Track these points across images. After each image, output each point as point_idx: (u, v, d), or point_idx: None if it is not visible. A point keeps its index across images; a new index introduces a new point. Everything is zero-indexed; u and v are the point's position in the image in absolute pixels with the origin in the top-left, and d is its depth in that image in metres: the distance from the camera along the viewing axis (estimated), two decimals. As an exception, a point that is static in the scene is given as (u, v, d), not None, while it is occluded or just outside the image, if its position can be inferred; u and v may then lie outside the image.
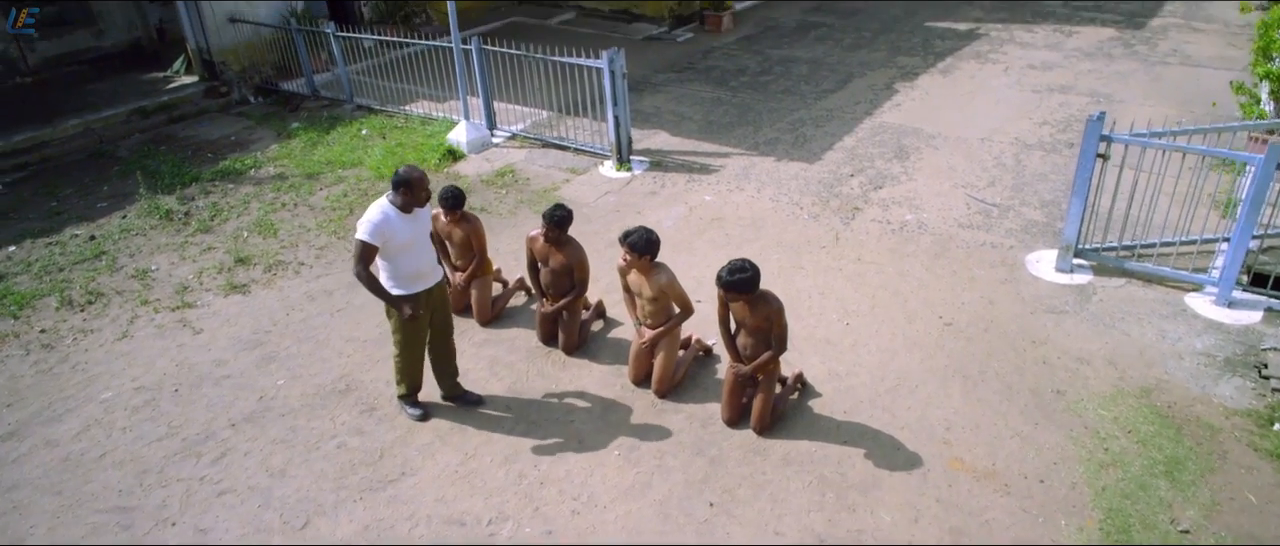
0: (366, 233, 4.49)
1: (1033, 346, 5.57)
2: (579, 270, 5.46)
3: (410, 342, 4.89)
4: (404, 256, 4.64)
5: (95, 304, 6.54)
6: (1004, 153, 8.54)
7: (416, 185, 4.57)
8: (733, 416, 4.94)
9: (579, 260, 5.43)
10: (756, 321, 4.60)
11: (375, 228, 4.50)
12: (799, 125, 9.52)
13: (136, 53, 12.24)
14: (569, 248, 5.43)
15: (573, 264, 5.43)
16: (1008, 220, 7.21)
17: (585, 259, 5.47)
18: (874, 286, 6.34)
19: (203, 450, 4.98)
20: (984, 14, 13.94)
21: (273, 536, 4.37)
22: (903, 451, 4.74)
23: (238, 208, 8.04)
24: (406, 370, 5.01)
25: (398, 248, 4.59)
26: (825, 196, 7.79)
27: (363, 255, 4.52)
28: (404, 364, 4.98)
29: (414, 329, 4.84)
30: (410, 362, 4.98)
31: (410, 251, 4.66)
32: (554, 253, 5.45)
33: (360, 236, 4.49)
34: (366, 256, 4.53)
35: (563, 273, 5.49)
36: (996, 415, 4.97)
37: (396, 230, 4.55)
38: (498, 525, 4.38)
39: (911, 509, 4.35)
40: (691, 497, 4.50)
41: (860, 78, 11.05)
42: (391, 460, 4.86)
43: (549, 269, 5.53)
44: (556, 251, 5.43)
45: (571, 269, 5.45)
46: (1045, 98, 10.01)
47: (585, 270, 5.48)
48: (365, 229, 4.50)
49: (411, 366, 5.00)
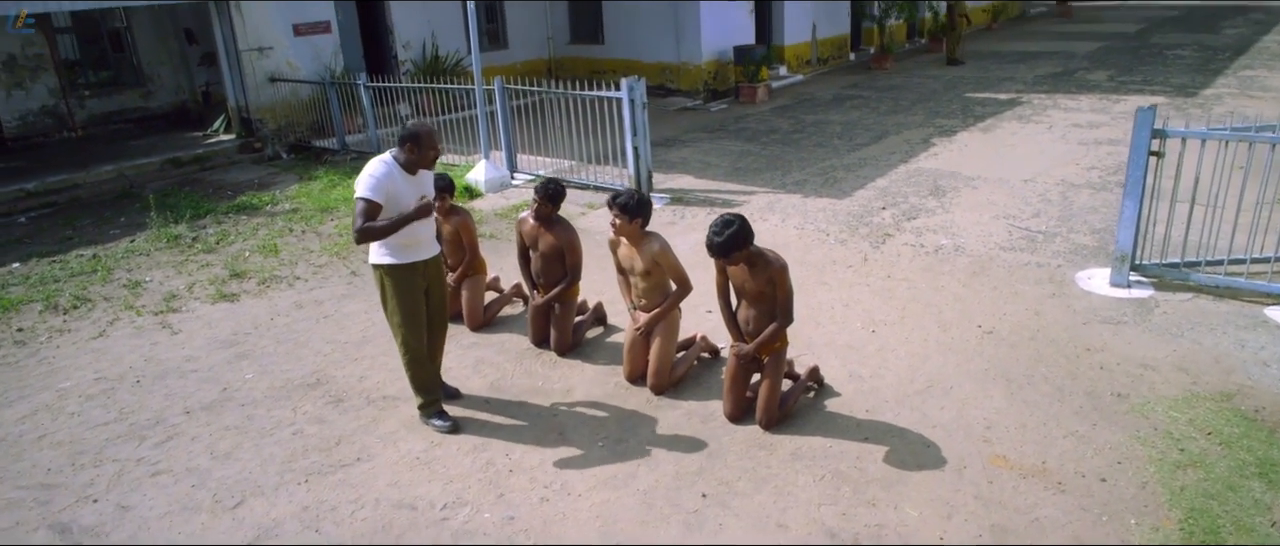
0: (368, 188, 3.98)
1: (1087, 353, 4.86)
2: (571, 253, 5.01)
3: (414, 331, 4.26)
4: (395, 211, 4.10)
5: (79, 308, 6.28)
6: (1049, 191, 7.98)
7: (425, 140, 4.09)
8: (735, 409, 4.31)
9: (570, 241, 4.99)
10: (757, 286, 4.04)
11: (377, 182, 4.00)
12: (830, 170, 9.13)
13: (182, 114, 12.61)
14: (559, 228, 5.00)
15: (563, 246, 4.99)
16: (1054, 244, 6.58)
17: (577, 241, 5.03)
18: (904, 299, 5.73)
19: (148, 434, 4.52)
20: (1026, 87, 13.63)
21: (200, 514, 3.83)
22: (934, 449, 4.03)
23: (246, 234, 7.86)
24: (418, 372, 4.36)
25: (397, 210, 4.07)
26: (854, 225, 7.28)
27: (367, 213, 3.97)
28: (414, 362, 4.33)
29: (416, 314, 4.26)
30: (419, 359, 4.34)
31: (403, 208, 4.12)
32: (544, 234, 5.03)
33: (361, 193, 3.98)
34: (370, 214, 3.99)
35: (554, 257, 5.05)
36: (1046, 415, 4.25)
37: (400, 189, 4.06)
38: (453, 510, 3.78)
39: (944, 505, 3.63)
40: (681, 488, 3.84)
41: (896, 134, 10.69)
42: (348, 446, 4.32)
43: (539, 253, 5.09)
44: (546, 232, 5.01)
45: (562, 252, 5.01)
46: (1092, 148, 9.48)
47: (577, 253, 5.03)
48: (366, 184, 4.00)
49: (422, 365, 4.36)
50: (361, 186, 4.00)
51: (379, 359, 5.24)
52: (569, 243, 4.98)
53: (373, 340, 5.52)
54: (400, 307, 4.22)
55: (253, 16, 11.14)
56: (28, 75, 11.19)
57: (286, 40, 11.60)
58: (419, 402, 4.47)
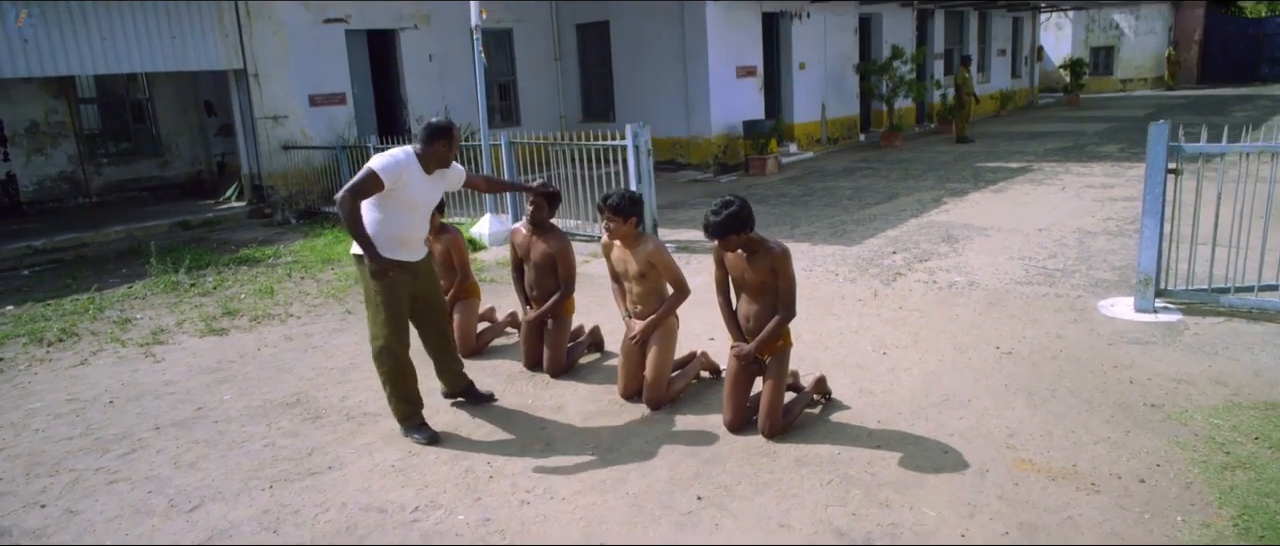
0: (381, 164, 3.79)
1: (1114, 369, 4.53)
2: (563, 262, 4.82)
3: (396, 332, 3.97)
4: (399, 216, 3.92)
5: (64, 341, 6.11)
6: (1065, 237, 7.75)
7: (452, 138, 3.96)
8: (736, 418, 3.99)
9: (562, 249, 4.80)
10: (758, 276, 3.81)
11: (392, 164, 3.81)
12: (839, 225, 8.97)
13: (197, 184, 12.76)
14: (553, 236, 4.83)
15: (555, 254, 4.80)
16: (1073, 279, 6.31)
17: (570, 250, 4.85)
18: (916, 326, 5.45)
19: (112, 447, 4.26)
20: (1037, 158, 13.59)
21: (152, 518, 3.53)
22: (953, 455, 3.69)
23: (244, 280, 7.74)
24: (396, 383, 4.06)
25: (400, 203, 3.89)
26: (863, 266, 7.06)
27: (363, 185, 3.74)
28: (393, 369, 4.03)
29: (398, 314, 3.99)
30: (399, 364, 4.05)
31: (409, 214, 3.96)
32: (536, 242, 4.86)
33: (371, 166, 3.79)
34: (367, 188, 3.75)
35: (546, 268, 4.86)
36: (1073, 424, 3.91)
37: (411, 182, 3.88)
38: (424, 513, 3.46)
39: (965, 505, 3.27)
40: (675, 492, 3.51)
41: (906, 195, 10.58)
42: (320, 456, 4.03)
43: (532, 264, 4.91)
44: (539, 240, 4.84)
45: (554, 260, 4.82)
46: (1106, 204, 9.29)
47: (569, 263, 4.84)
48: (381, 160, 3.81)
49: (401, 377, 4.07)
50: (375, 160, 3.83)
51: (364, 382, 4.99)
52: (561, 251, 4.80)
53: (359, 366, 5.28)
54: (383, 305, 3.96)
55: (270, 86, 11.41)
56: (49, 142, 11.43)
57: (302, 110, 11.82)
58: (399, 414, 4.19)
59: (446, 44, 13.38)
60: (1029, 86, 25.22)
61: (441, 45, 13.39)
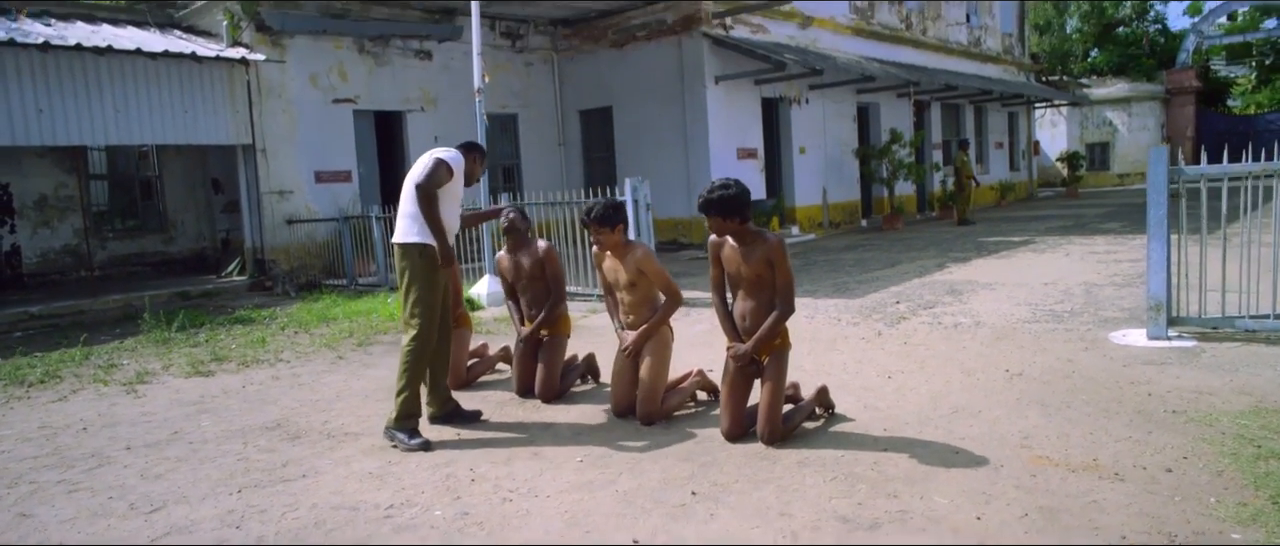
0: (448, 155, 4.12)
1: (1131, 385, 4.33)
2: (549, 264, 4.72)
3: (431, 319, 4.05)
4: (448, 207, 4.17)
5: (47, 383, 5.94)
6: (1072, 288, 7.62)
7: (481, 154, 4.38)
8: (735, 424, 3.79)
9: (546, 252, 4.73)
10: (754, 269, 3.68)
11: (455, 156, 4.17)
12: (842, 284, 8.87)
13: (200, 260, 12.79)
14: (533, 247, 4.77)
15: (542, 259, 4.71)
16: (1082, 319, 6.14)
17: (553, 252, 4.77)
18: (922, 356, 5.26)
19: (78, 464, 4.05)
20: (1039, 234, 13.58)
21: (108, 519, 3.30)
22: (964, 454, 3.47)
23: (238, 335, 7.61)
24: (415, 377, 4.01)
25: (448, 197, 4.16)
26: (867, 313, 6.91)
27: (438, 175, 4.01)
28: (419, 358, 4.03)
29: (436, 302, 4.11)
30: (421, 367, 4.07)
31: (454, 205, 4.25)
32: (520, 258, 4.79)
33: (437, 155, 4.09)
34: (441, 177, 4.03)
35: (536, 277, 4.77)
36: (1091, 427, 3.69)
37: (459, 180, 4.20)
38: (399, 510, 3.23)
39: (979, 494, 3.04)
40: (667, 490, 3.29)
41: (909, 262, 10.51)
42: (294, 467, 3.82)
43: (524, 278, 4.81)
44: (523, 255, 4.78)
45: (542, 266, 4.72)
46: (1111, 264, 9.19)
47: (555, 263, 4.75)
48: (445, 152, 4.16)
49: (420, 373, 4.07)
50: (442, 152, 4.13)
51: (349, 409, 4.80)
52: (546, 254, 4.73)
53: (345, 397, 5.09)
54: (427, 292, 4.04)
55: (278, 162, 11.58)
56: (56, 215, 11.54)
57: (307, 186, 11.96)
58: (397, 414, 4.00)
59: (451, 125, 13.66)
60: (1027, 179, 25.55)
61: (446, 126, 13.67)
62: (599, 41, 14.72)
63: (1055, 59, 30.64)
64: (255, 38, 11.16)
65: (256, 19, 11.09)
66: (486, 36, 13.05)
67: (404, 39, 12.88)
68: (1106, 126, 28.73)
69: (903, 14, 18.85)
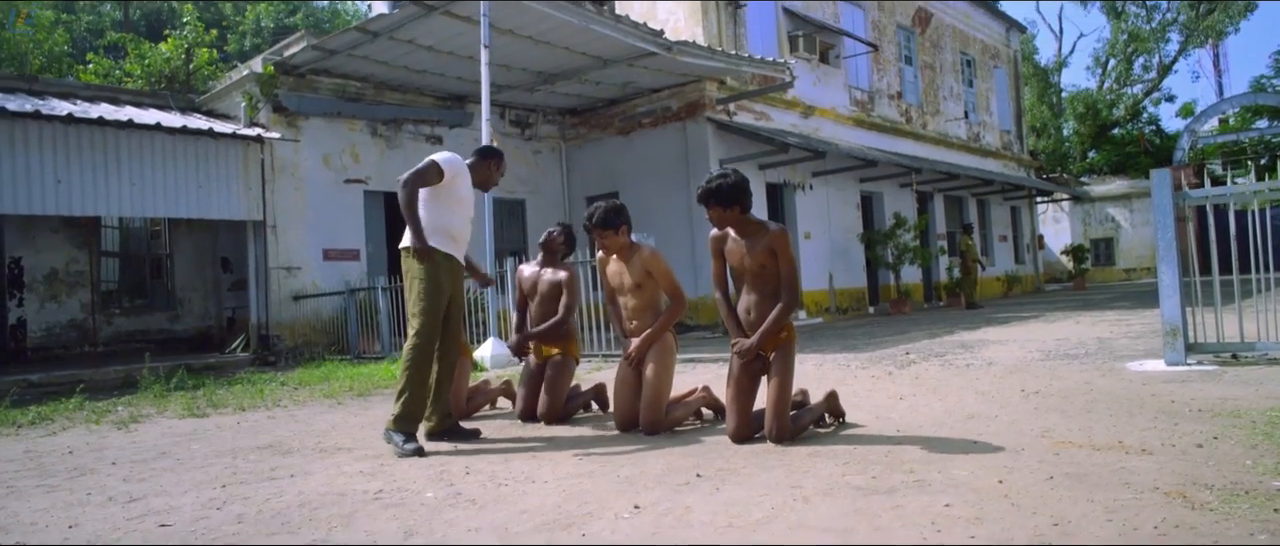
0: (442, 158, 4.05)
1: (1152, 397, 4.17)
2: (568, 290, 4.65)
3: (432, 323, 3.91)
4: (449, 210, 4.07)
5: (38, 423, 5.80)
6: (1085, 340, 7.47)
7: (499, 160, 4.34)
8: (742, 424, 3.64)
9: (570, 278, 4.67)
10: (757, 260, 3.62)
11: (452, 160, 4.08)
12: (851, 345, 8.74)
13: (205, 338, 12.75)
14: (562, 268, 4.74)
15: (563, 282, 4.64)
16: (1096, 357, 5.99)
17: (576, 278, 4.70)
18: (934, 384, 5.12)
19: (60, 472, 3.91)
20: (1047, 311, 13.47)
21: (86, 508, 3.15)
22: (982, 443, 3.31)
23: (236, 390, 7.49)
24: (415, 381, 3.86)
25: (451, 199, 4.06)
26: (877, 361, 6.77)
27: (425, 172, 3.93)
28: (420, 362, 3.88)
29: (438, 307, 3.97)
30: (425, 370, 3.91)
31: (461, 211, 4.13)
32: (544, 274, 4.74)
33: (432, 157, 4.03)
34: (427, 175, 3.95)
35: (551, 296, 4.70)
36: (1115, 423, 3.54)
37: (462, 183, 4.12)
38: (388, 494, 3.07)
39: (1000, 468, 2.88)
40: (671, 474, 3.12)
41: (919, 331, 10.39)
42: (284, 471, 3.66)
43: (539, 298, 4.74)
44: (549, 271, 4.73)
45: (561, 288, 4.65)
46: (1123, 326, 9.06)
47: (574, 289, 4.67)
48: (442, 155, 4.08)
49: (424, 377, 3.91)
50: (437, 155, 4.06)
51: (345, 434, 4.65)
52: (568, 279, 4.66)
53: (341, 429, 4.94)
54: (427, 291, 3.93)
55: (287, 238, 11.71)
56: (65, 290, 11.59)
57: (315, 263, 12.04)
58: (397, 413, 3.86)
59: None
60: (1034, 273, 25.58)
61: (456, 209, 13.89)
62: (606, 129, 15.11)
63: (1054, 159, 31.25)
64: (271, 118, 11.50)
65: (274, 100, 11.46)
66: (496, 125, 13.42)
67: (416, 124, 13.26)
68: (1109, 222, 28.99)
69: (902, 108, 19.39)
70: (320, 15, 26.06)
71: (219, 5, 25.28)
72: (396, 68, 11.56)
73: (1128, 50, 31.29)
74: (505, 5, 9.12)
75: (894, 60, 19.31)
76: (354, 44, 10.51)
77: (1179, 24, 30.69)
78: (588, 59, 11.74)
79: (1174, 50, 31.46)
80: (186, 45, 13.55)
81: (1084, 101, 31.64)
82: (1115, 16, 31.72)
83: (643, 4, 14.86)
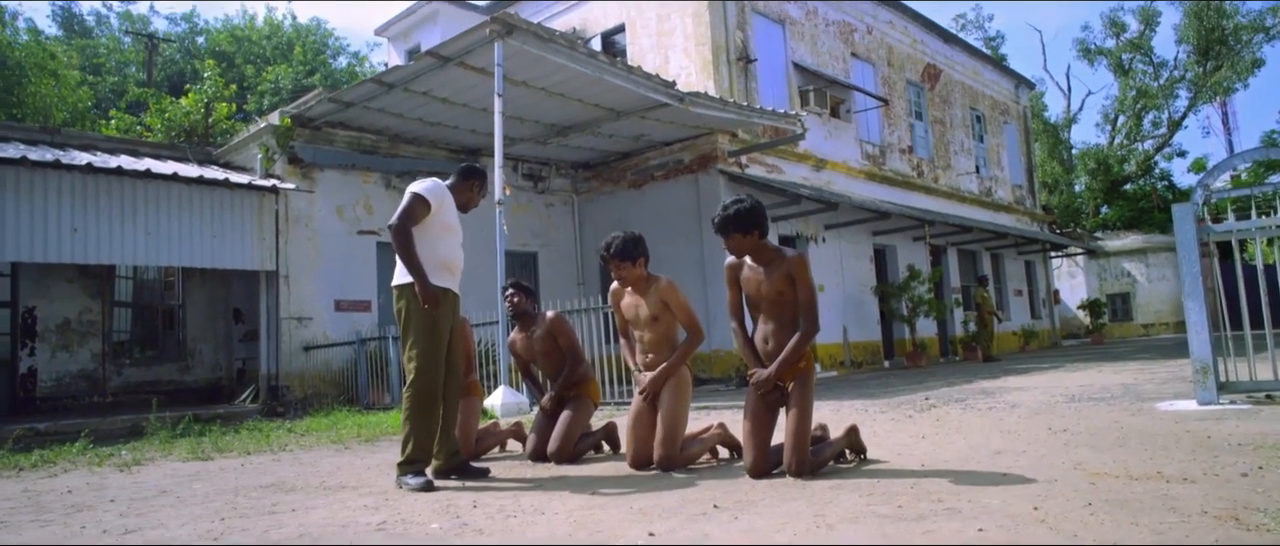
0: (424, 188, 3.86)
1: (1187, 434, 4.01)
2: (560, 335, 4.55)
3: (433, 362, 3.74)
4: (442, 240, 3.92)
5: (40, 467, 5.70)
6: (1109, 386, 7.28)
7: (481, 180, 4.12)
8: (760, 458, 3.49)
9: (555, 322, 4.57)
10: (774, 287, 3.53)
11: (433, 187, 3.90)
12: (868, 394, 8.56)
13: (215, 389, 12.66)
14: (540, 321, 4.63)
15: (552, 332, 4.55)
16: (1122, 400, 5.81)
17: (564, 320, 4.62)
18: (956, 424, 4.96)
19: (56, 508, 3.80)
20: (1068, 362, 13.22)
21: (80, 540, 3.03)
22: (1012, 475, 3.17)
23: (242, 436, 7.37)
24: (421, 417, 3.72)
25: (440, 228, 3.90)
26: (896, 406, 6.60)
27: (413, 209, 3.78)
28: (423, 404, 3.72)
29: (438, 345, 3.80)
30: (429, 406, 3.74)
31: (450, 238, 3.99)
32: (530, 335, 4.65)
33: (416, 189, 3.85)
34: (416, 213, 3.79)
35: (549, 350, 4.60)
36: (1149, 456, 3.38)
37: (448, 207, 3.95)
38: (392, 525, 2.94)
39: (1034, 496, 2.74)
40: (686, 505, 2.99)
41: (936, 381, 10.19)
42: (286, 506, 3.54)
43: (539, 355, 4.66)
44: (531, 330, 4.64)
45: (554, 338, 4.55)
46: (1148, 373, 8.84)
47: (567, 332, 4.56)
48: (423, 184, 3.89)
49: (430, 412, 3.75)
50: (416, 185, 3.88)
51: (351, 475, 4.53)
52: (555, 324, 4.56)
53: (346, 470, 4.81)
54: (424, 329, 3.74)
55: (298, 288, 11.71)
56: (76, 340, 11.58)
57: (327, 314, 12.01)
58: (403, 457, 3.74)
59: (471, 262, 13.75)
60: (1050, 327, 25.26)
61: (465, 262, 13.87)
62: (618, 182, 15.18)
63: (1067, 215, 31.18)
64: (287, 169, 11.61)
65: (290, 152, 11.60)
66: (509, 177, 13.52)
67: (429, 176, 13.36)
68: (1125, 277, 28.73)
69: (914, 162, 19.44)
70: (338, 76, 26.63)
71: (240, 67, 25.92)
72: (411, 120, 11.71)
73: (1136, 106, 31.47)
74: (520, 56, 9.25)
75: (904, 115, 19.45)
76: (369, 96, 10.66)
77: (1187, 81, 30.90)
78: (601, 111, 11.86)
79: (1183, 106, 31.63)
80: (206, 99, 13.80)
81: (1095, 157, 31.70)
82: (1123, 74, 31.99)
83: (654, 58, 15.09)
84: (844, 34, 17.61)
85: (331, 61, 28.31)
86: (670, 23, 14.98)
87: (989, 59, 23.66)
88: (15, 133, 11.01)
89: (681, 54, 14.82)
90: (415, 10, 19.80)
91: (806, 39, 16.46)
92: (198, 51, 27.72)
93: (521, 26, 8.91)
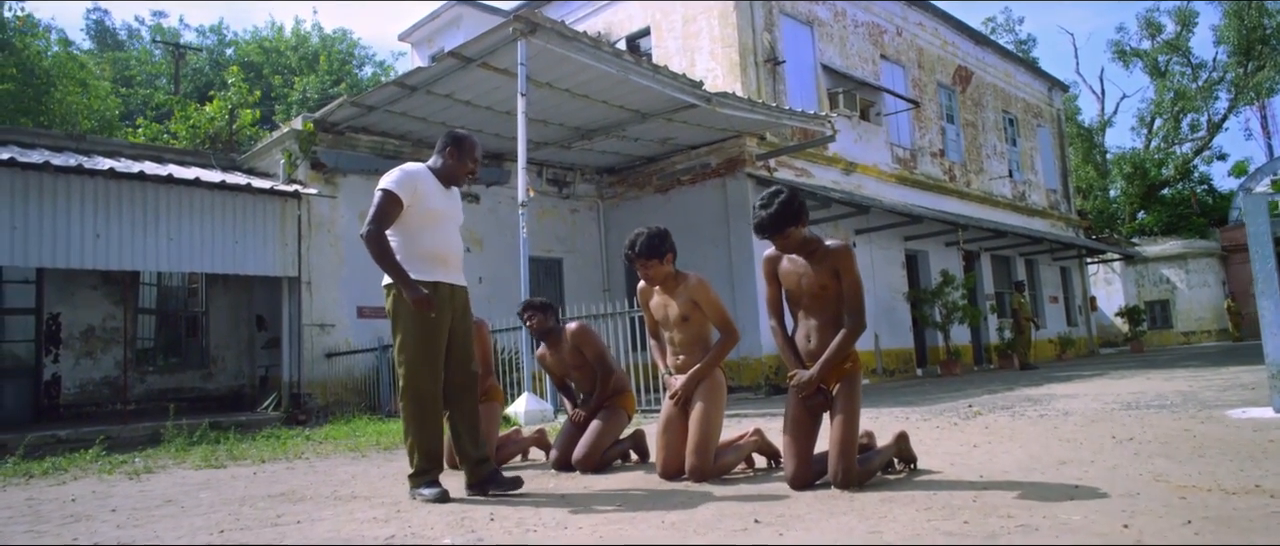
0: (392, 181, 3.43)
1: (1271, 444, 3.65)
2: (587, 347, 4.29)
3: (429, 367, 3.40)
4: (429, 231, 3.51)
5: (51, 474, 5.54)
6: (1164, 393, 6.87)
7: (468, 149, 3.61)
8: (801, 468, 3.20)
9: (579, 334, 4.32)
10: (818, 279, 3.24)
11: (404, 177, 3.46)
12: (905, 400, 8.21)
13: (237, 397, 12.57)
14: (565, 336, 4.39)
15: (578, 344, 4.30)
16: (1186, 407, 5.43)
17: (588, 330, 4.36)
18: (1008, 432, 4.62)
19: (53, 517, 3.60)
20: (1111, 370, 12.73)
21: None
22: (1085, 488, 2.85)
23: (258, 443, 7.19)
24: (421, 425, 3.42)
25: (423, 217, 3.49)
26: (940, 414, 6.26)
27: (384, 209, 3.39)
28: (420, 411, 3.43)
29: (433, 346, 3.44)
30: (429, 407, 3.43)
31: (436, 227, 3.54)
32: (559, 351, 4.41)
33: (383, 185, 3.44)
34: (388, 212, 3.39)
35: (578, 363, 4.37)
36: (1239, 468, 3.05)
37: (428, 193, 3.50)
38: (402, 538, 2.69)
39: (1119, 512, 2.43)
40: (723, 519, 2.71)
41: (976, 389, 9.79)
42: (291, 518, 3.31)
43: (568, 367, 4.41)
44: (559, 346, 4.39)
45: (579, 351, 4.30)
46: (1201, 380, 8.40)
47: (593, 341, 4.31)
48: (391, 177, 3.46)
49: (428, 419, 3.43)
50: (385, 179, 3.47)
51: (364, 484, 4.29)
52: (580, 336, 4.31)
53: (361, 478, 4.59)
54: (415, 332, 3.38)
55: (321, 295, 11.58)
56: (100, 347, 11.54)
57: (349, 320, 11.87)
58: (413, 470, 3.49)
59: (496, 268, 13.70)
60: (1087, 335, 24.58)
61: (490, 269, 13.71)
62: (644, 187, 14.94)
63: (1102, 220, 30.45)
64: (309, 175, 11.51)
65: (312, 157, 11.50)
66: (533, 182, 13.34)
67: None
68: (1164, 284, 27.93)
69: (945, 166, 19.01)
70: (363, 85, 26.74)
71: (267, 78, 26.10)
72: (434, 124, 11.55)
73: (1174, 109, 30.68)
74: (543, 56, 9.05)
75: (936, 118, 19.03)
76: (392, 99, 10.52)
77: (1227, 82, 30.08)
78: (626, 113, 11.63)
79: (1222, 108, 30.79)
80: (231, 105, 13.77)
81: (1131, 161, 30.94)
82: (1160, 76, 31.23)
83: (680, 60, 14.84)
84: (873, 36, 17.26)
85: (357, 71, 28.45)
86: (696, 25, 14.73)
87: (1021, 61, 23.15)
88: (41, 139, 11.01)
89: (708, 56, 14.56)
90: (439, 14, 19.75)
91: (835, 41, 16.14)
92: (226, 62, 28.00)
93: (545, 25, 8.71)
